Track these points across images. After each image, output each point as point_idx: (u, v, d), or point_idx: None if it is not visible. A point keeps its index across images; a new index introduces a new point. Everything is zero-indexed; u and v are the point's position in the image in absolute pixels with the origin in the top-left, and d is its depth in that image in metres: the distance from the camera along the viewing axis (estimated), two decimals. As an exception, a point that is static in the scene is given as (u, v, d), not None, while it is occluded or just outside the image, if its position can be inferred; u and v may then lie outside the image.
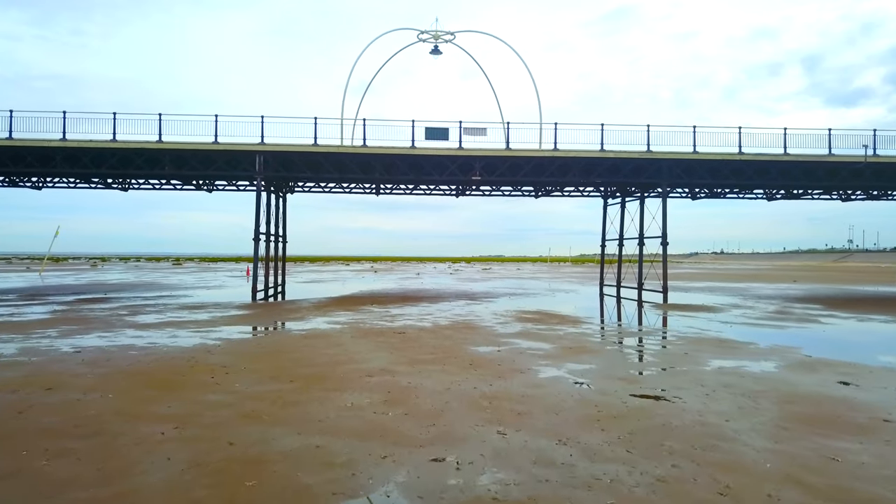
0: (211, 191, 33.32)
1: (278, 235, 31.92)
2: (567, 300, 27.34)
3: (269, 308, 21.05)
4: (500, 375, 9.28)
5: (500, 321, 17.12)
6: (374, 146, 26.72)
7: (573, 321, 17.52)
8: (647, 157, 27.33)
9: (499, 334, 14.27)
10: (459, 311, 19.97)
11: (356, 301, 24.64)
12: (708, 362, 10.77)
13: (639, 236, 31.20)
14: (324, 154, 26.59)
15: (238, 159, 26.65)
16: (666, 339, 13.80)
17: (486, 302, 24.56)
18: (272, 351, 11.59)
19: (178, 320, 16.72)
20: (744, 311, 21.33)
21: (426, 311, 20.22)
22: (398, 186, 33.23)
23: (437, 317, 18.14)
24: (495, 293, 30.41)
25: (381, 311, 19.72)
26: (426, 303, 23.79)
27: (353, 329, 15.01)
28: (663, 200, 27.93)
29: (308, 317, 18.04)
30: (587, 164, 27.66)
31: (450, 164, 26.98)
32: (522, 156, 27.01)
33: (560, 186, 32.94)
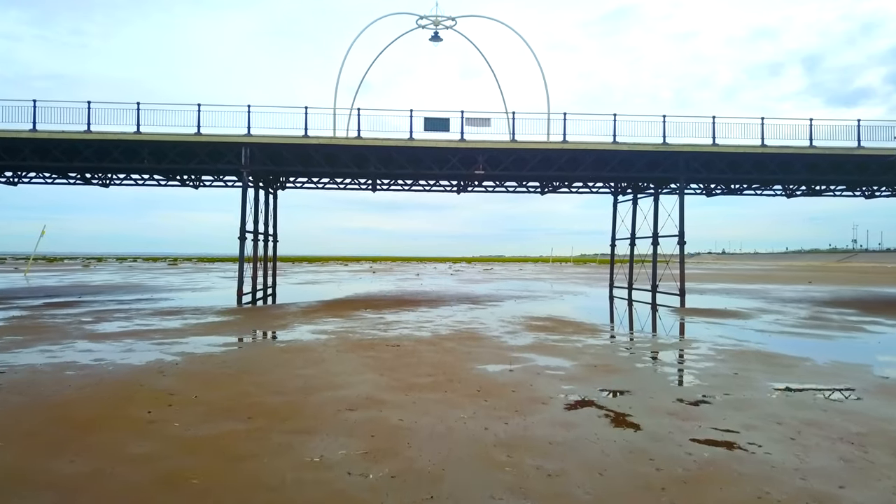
0: (197, 187, 31.35)
1: (267, 234, 29.97)
2: (577, 304, 25.38)
3: (253, 314, 19.09)
4: (518, 409, 7.31)
5: (509, 330, 15.16)
6: (369, 138, 24.78)
7: (590, 330, 15.55)
8: (663, 149, 25.38)
9: (509, 347, 12.30)
10: (462, 318, 18.01)
11: (349, 305, 22.67)
12: (767, 385, 8.81)
13: (653, 235, 29.25)
14: (315, 146, 24.65)
15: (222, 152, 24.70)
16: (703, 353, 11.83)
17: (491, 306, 22.59)
18: (237, 371, 9.62)
19: (144, 329, 14.76)
20: (775, 316, 19.36)
21: (425, 317, 18.26)
22: (396, 182, 31.26)
23: (437, 324, 16.18)
24: (499, 296, 28.44)
25: (374, 318, 17.76)
26: (425, 307, 21.83)
27: (340, 340, 13.04)
28: (680, 196, 25.96)
29: (293, 324, 16.08)
30: (598, 158, 25.69)
31: (451, 158, 25.03)
32: (529, 148, 25.06)
33: (568, 182, 30.96)
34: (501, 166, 25.39)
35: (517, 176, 27.94)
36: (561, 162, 25.43)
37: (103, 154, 24.77)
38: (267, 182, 29.81)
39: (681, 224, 25.95)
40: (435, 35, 28.42)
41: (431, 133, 25.30)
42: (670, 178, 26.70)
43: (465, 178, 29.72)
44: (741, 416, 7.08)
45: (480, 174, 25.30)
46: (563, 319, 17.95)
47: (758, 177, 26.82)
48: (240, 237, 24.81)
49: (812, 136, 26.07)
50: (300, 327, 15.46)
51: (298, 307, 21.56)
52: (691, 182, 29.60)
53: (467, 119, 25.24)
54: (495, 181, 30.97)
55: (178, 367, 9.82)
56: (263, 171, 25.95)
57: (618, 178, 28.42)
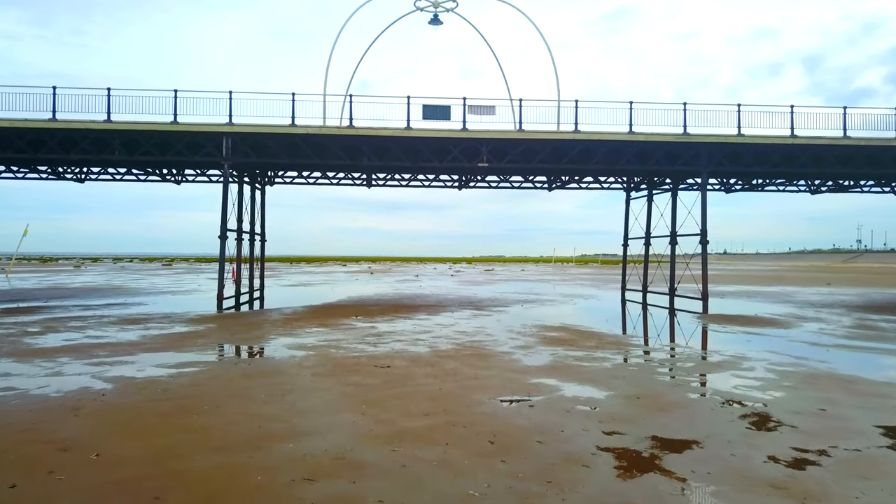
0: (179, 182, 29.14)
1: (254, 233, 27.78)
2: (591, 309, 23.17)
3: (228, 322, 16.87)
4: (551, 476, 5.11)
5: (520, 343, 12.95)
6: (362, 127, 22.58)
7: (615, 343, 13.34)
8: (684, 140, 23.18)
9: (523, 368, 10.09)
10: (465, 327, 15.80)
11: (340, 311, 20.46)
12: (873, 429, 6.61)
13: (670, 234, 27.04)
14: (302, 136, 22.45)
15: (201, 142, 22.48)
16: (764, 377, 9.62)
17: (496, 312, 20.37)
18: (176, 407, 7.40)
19: (92, 343, 12.55)
20: (817, 325, 17.14)
21: (423, 326, 16.05)
22: (393, 177, 29.05)
23: (436, 336, 13.98)
24: (504, 299, 26.22)
25: (365, 327, 15.56)
26: (423, 313, 19.62)
27: (320, 359, 10.83)
28: (703, 191, 23.75)
29: (269, 336, 13.88)
30: (612, 150, 23.47)
31: (452, 149, 22.82)
32: (538, 138, 22.84)
33: (579, 176, 28.73)
34: (507, 158, 23.18)
35: (524, 169, 25.74)
36: (572, 154, 23.23)
37: (70, 145, 22.58)
38: (253, 176, 27.63)
39: (703, 222, 23.74)
40: (434, 18, 26.20)
41: (431, 122, 23.11)
42: (691, 172, 24.50)
43: (468, 172, 27.52)
44: (877, 492, 4.87)
45: (484, 167, 23.09)
46: (580, 329, 15.73)
47: (787, 170, 24.57)
48: (220, 236, 22.60)
49: (846, 125, 23.95)
50: (277, 340, 13.25)
51: (282, 314, 19.35)
52: (714, 176, 27.44)
53: (470, 107, 23.04)
54: (500, 175, 28.75)
55: (102, 401, 7.62)
56: (246, 164, 23.73)
57: (633, 171, 26.17)
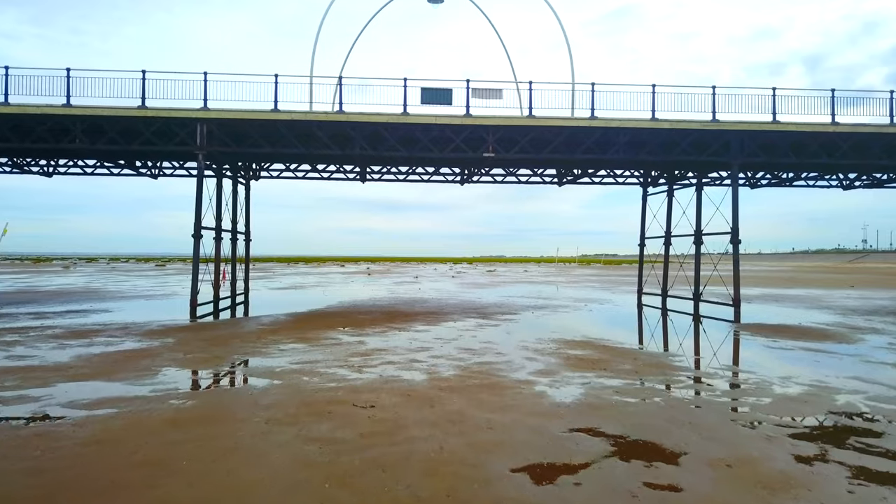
0: (156, 176, 26.67)
1: (236, 231, 25.32)
2: (610, 317, 20.69)
3: (192, 335, 14.37)
4: None
5: (541, 367, 10.47)
6: (353, 113, 20.13)
7: (655, 364, 10.86)
8: (713, 127, 20.73)
9: (552, 410, 7.60)
10: (470, 342, 13.31)
11: (326, 320, 17.99)
12: None
13: (695, 233, 24.57)
14: (287, 123, 19.99)
15: (173, 130, 20.00)
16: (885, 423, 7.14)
17: (505, 321, 17.88)
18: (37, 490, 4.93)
19: (8, 366, 10.07)
20: (881, 338, 14.64)
21: (420, 340, 13.56)
22: (389, 171, 26.57)
23: (435, 355, 11.50)
24: (511, 305, 23.71)
25: (352, 343, 13.08)
26: (422, 323, 17.13)
27: (284, 393, 8.35)
28: (733, 185, 21.27)
29: (233, 356, 11.39)
30: (633, 139, 21.01)
31: (454, 137, 20.34)
32: (551, 125, 20.37)
33: (593, 168, 26.26)
34: (516, 148, 20.70)
35: (534, 161, 23.27)
36: (588, 143, 20.74)
37: (24, 132, 20.10)
38: (235, 169, 25.17)
39: (734, 219, 21.26)
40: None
41: (430, 107, 20.65)
42: (720, 164, 22.00)
43: (471, 165, 25.06)
44: None
45: (490, 157, 20.60)
46: (607, 345, 13.23)
47: (825, 162, 22.06)
48: (194, 234, 20.14)
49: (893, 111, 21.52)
50: (240, 363, 10.77)
51: (260, 324, 16.85)
52: (744, 169, 24.99)
53: (474, 90, 20.58)
54: (506, 168, 26.28)
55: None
56: (224, 154, 21.24)
57: (656, 163, 23.65)
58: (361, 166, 25.99)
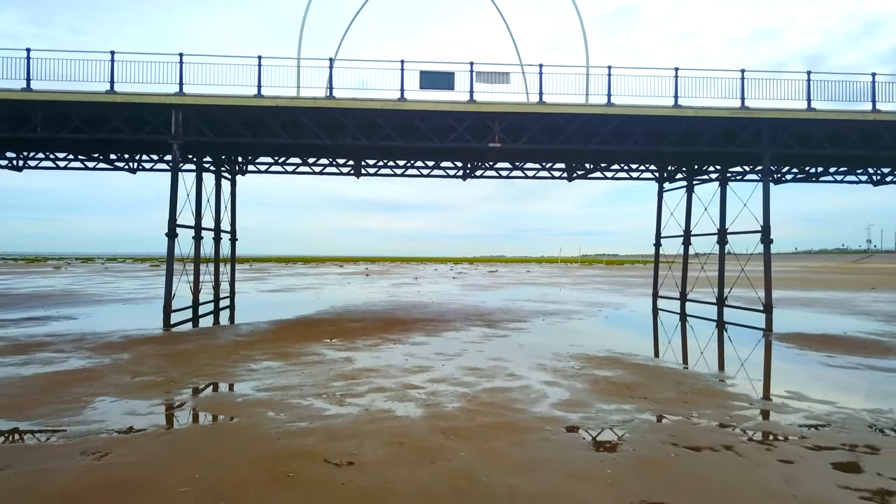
0: (135, 170, 24.73)
1: (219, 230, 23.35)
2: (631, 325, 18.72)
3: (157, 349, 12.39)
4: None
5: (566, 396, 8.49)
6: (345, 98, 18.17)
7: (706, 391, 8.88)
8: (742, 115, 18.76)
9: (594, 470, 5.61)
10: (476, 360, 11.33)
11: (313, 329, 16.02)
12: None
13: (719, 231, 22.58)
14: (270, 110, 18.03)
15: (145, 117, 18.02)
16: None
17: (514, 331, 15.90)
18: None
19: None
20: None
21: (417, 358, 11.58)
22: (386, 164, 24.58)
23: (436, 378, 9.53)
24: (519, 311, 21.72)
25: (337, 360, 11.10)
26: (420, 332, 15.16)
27: (236, 444, 6.38)
28: (765, 178, 19.35)
29: (189, 381, 9.41)
30: (654, 128, 19.03)
31: (456, 126, 18.36)
32: (564, 112, 18.40)
33: (607, 162, 24.29)
34: (524, 137, 18.72)
35: (544, 152, 21.27)
36: (605, 132, 18.75)
37: (-20, 121, 18.14)
38: (219, 162, 23.20)
39: (766, 216, 19.31)
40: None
41: (430, 93, 18.70)
42: (749, 155, 20.03)
43: (474, 158, 23.07)
44: None
45: (496, 147, 18.61)
46: (638, 363, 11.25)
47: (864, 154, 20.11)
48: (168, 233, 18.17)
49: (940, 97, 19.55)
50: (194, 391, 8.80)
51: (237, 334, 14.87)
52: (779, 163, 23.05)
53: (478, 74, 18.61)
54: (513, 161, 24.31)
55: None
56: (201, 144, 19.26)
57: (678, 155, 21.64)
58: (356, 160, 24.03)
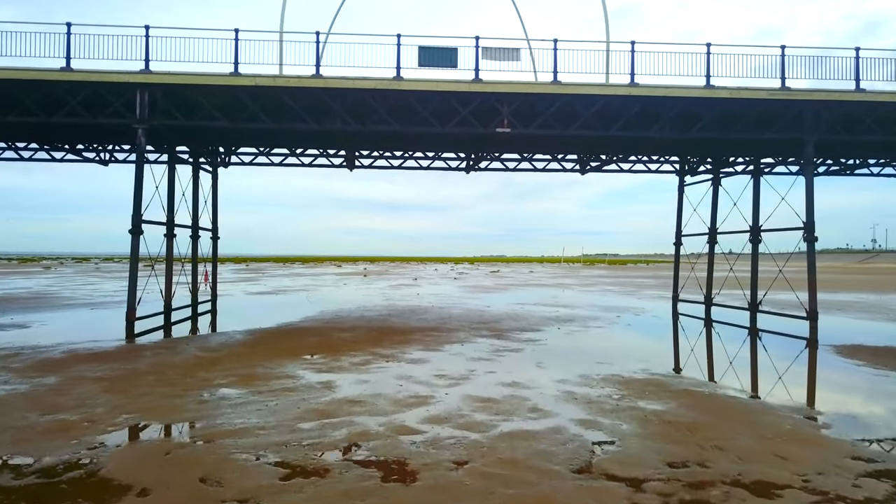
0: (106, 162, 22.54)
1: (197, 227, 21.16)
2: (659, 334, 16.56)
3: (97, 369, 10.21)
4: None
5: (612, 444, 6.31)
6: (333, 77, 16.00)
7: (795, 435, 6.69)
8: (783, 97, 16.59)
9: None
10: (487, 386, 9.13)
11: (293, 341, 13.83)
12: None
13: (751, 229, 20.42)
14: (249, 90, 15.85)
15: (106, 98, 15.82)
16: None
17: (528, 342, 13.70)
18: None
19: None
20: None
21: (413, 383, 9.39)
22: (381, 154, 22.38)
23: (436, 419, 7.33)
24: (528, 317, 19.52)
25: (312, 387, 8.93)
26: (418, 346, 12.98)
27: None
28: (807, 168, 17.19)
29: (116, 418, 7.24)
30: (684, 112, 16.83)
31: (459, 108, 16.17)
32: (582, 93, 16.21)
33: (624, 153, 22.09)
34: (537, 122, 16.52)
35: (557, 139, 19.04)
36: (628, 116, 16.55)
37: (-83, 102, 15.96)
38: (196, 152, 21.00)
39: (809, 211, 17.17)
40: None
41: (430, 70, 16.53)
42: (790, 142, 17.76)
43: (479, 146, 20.85)
44: None
45: (505, 133, 16.41)
46: (686, 388, 9.06)
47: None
48: (132, 230, 15.97)
49: None
50: (119, 434, 6.62)
51: (204, 348, 12.67)
52: (822, 155, 20.86)
53: (484, 50, 16.43)
54: (521, 151, 22.11)
55: None
56: (171, 130, 17.07)
57: (708, 143, 19.38)
58: (348, 150, 21.82)
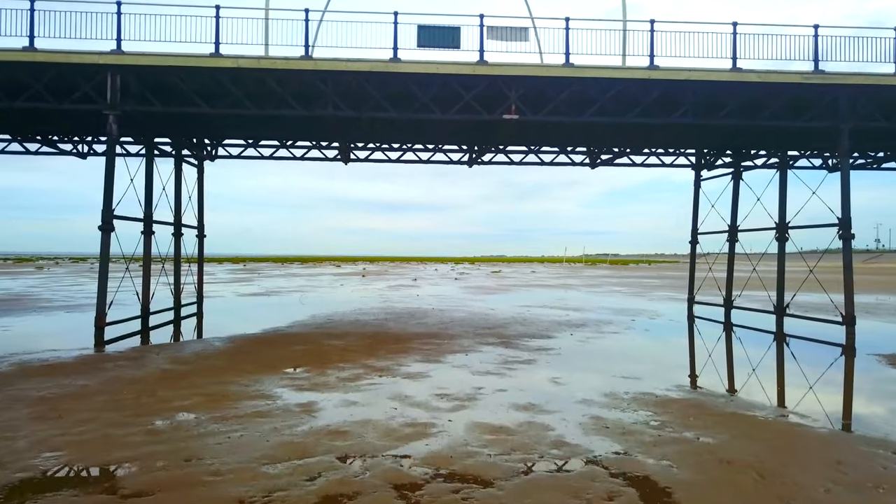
0: (85, 155, 21.14)
1: (180, 224, 19.71)
2: (681, 339, 15.11)
3: (41, 386, 8.74)
4: None
5: (667, 494, 4.89)
6: (324, 59, 14.57)
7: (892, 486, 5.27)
8: (818, 81, 15.17)
9: None
10: (498, 409, 7.63)
11: (277, 350, 12.38)
12: None
13: (777, 225, 18.96)
14: (231, 72, 14.42)
15: (73, 81, 14.37)
16: None
17: (540, 352, 12.24)
18: None
19: None
20: None
21: (410, 406, 7.92)
22: (378, 146, 20.91)
23: (437, 458, 5.77)
24: (538, 321, 18.05)
25: (290, 409, 7.49)
26: (416, 356, 11.54)
27: None
28: (843, 158, 15.73)
29: (39, 458, 5.80)
30: (708, 98, 15.37)
31: (463, 93, 14.72)
32: (597, 76, 14.76)
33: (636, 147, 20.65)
34: (548, 108, 15.07)
35: (571, 126, 17.58)
36: (646, 102, 15.10)
37: None
38: (179, 143, 19.56)
39: (845, 206, 15.75)
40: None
41: (430, 52, 15.10)
42: (823, 131, 16.29)
43: (482, 137, 19.38)
44: None
45: (512, 120, 14.95)
46: (736, 412, 7.60)
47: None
48: (101, 226, 14.51)
49: None
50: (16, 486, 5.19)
51: (175, 358, 11.22)
52: (856, 138, 19.30)
53: (490, 29, 15.00)
54: (527, 144, 20.65)
55: None
56: (145, 116, 15.60)
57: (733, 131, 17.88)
58: (342, 142, 20.37)
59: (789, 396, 8.97)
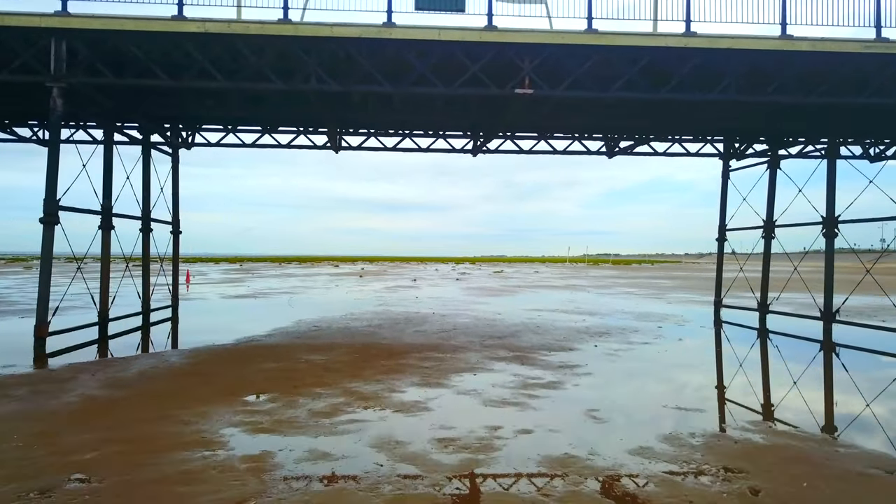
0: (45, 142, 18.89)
1: (149, 219, 17.55)
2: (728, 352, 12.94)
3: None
4: None
5: None
6: (305, 23, 12.41)
7: None
8: (881, 50, 12.98)
9: None
10: (525, 467, 5.50)
11: (242, 369, 10.22)
12: None
13: (824, 220, 16.72)
14: (198, 38, 12.22)
15: (12, 48, 12.18)
16: None
17: (563, 369, 10.08)
18: None
19: None
20: None
21: (401, 461, 5.71)
22: (370, 131, 18.73)
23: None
24: (553, 328, 15.86)
25: (232, 465, 5.36)
26: (413, 377, 9.39)
27: None
28: (910, 143, 13.48)
29: None
30: (753, 70, 13.18)
31: (468, 63, 12.54)
32: (624, 45, 12.57)
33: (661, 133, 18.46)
34: (567, 82, 12.88)
35: (593, 104, 15.38)
36: (681, 74, 12.92)
37: None
38: (146, 129, 17.40)
39: (912, 196, 13.51)
40: None
41: (430, 15, 12.95)
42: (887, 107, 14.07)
43: (490, 119, 17.11)
44: None
45: (526, 94, 12.76)
46: (869, 473, 5.47)
47: None
48: (44, 218, 12.35)
49: None
50: None
51: (116, 379, 9.06)
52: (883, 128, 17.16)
53: (500, -10, 12.79)
54: (538, 131, 18.47)
55: None
56: (96, 90, 13.41)
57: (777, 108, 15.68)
58: (331, 128, 18.15)
59: (864, 419, 6.82)
